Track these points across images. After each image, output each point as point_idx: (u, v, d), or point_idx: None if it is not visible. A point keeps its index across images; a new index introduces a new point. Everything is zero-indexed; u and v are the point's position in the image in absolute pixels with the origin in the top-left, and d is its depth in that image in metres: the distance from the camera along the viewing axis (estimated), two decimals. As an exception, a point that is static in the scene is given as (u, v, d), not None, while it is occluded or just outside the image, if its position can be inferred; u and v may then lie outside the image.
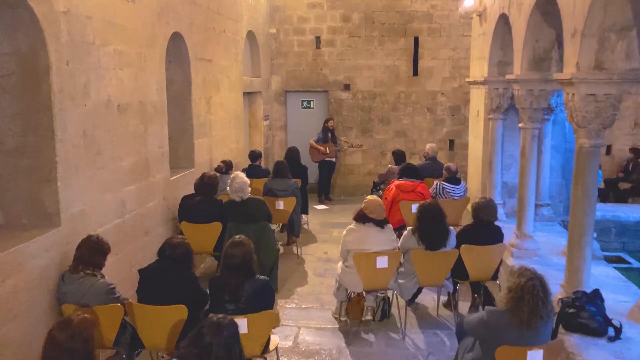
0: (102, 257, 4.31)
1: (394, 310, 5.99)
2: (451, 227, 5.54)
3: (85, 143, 4.62)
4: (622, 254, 7.80)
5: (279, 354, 4.98)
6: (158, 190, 6.17)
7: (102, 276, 4.27)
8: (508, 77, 6.02)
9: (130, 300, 4.26)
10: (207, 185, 6.43)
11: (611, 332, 4.14)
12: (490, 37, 7.09)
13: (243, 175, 6.42)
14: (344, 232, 5.56)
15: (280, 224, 8.54)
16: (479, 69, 8.00)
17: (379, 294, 5.88)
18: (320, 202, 11.24)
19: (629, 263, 7.43)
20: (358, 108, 12.02)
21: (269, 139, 11.91)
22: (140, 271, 4.38)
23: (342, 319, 5.80)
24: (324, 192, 11.43)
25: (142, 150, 5.75)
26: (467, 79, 8.96)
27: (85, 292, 4.09)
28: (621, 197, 10.76)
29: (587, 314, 4.15)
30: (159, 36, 6.10)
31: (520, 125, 5.88)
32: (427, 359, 5.12)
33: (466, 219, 7.58)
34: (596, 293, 4.27)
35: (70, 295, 4.11)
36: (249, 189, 6.34)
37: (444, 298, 6.27)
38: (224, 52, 8.55)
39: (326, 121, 11.10)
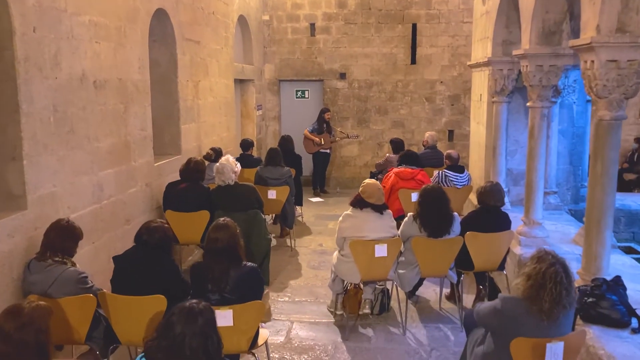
0: (73, 243, 3.91)
1: (393, 303, 5.60)
2: (455, 213, 5.14)
3: (56, 119, 4.21)
4: (632, 245, 7.43)
5: (270, 350, 4.58)
6: (140, 176, 5.76)
7: (73, 264, 3.87)
8: (515, 52, 5.62)
9: (104, 290, 3.85)
10: (193, 171, 6.02)
11: (634, 323, 3.75)
12: (495, 15, 6.69)
13: (232, 159, 6.01)
14: (340, 219, 5.16)
15: (273, 215, 8.14)
16: (481, 51, 7.61)
17: (377, 286, 5.49)
18: (315, 195, 10.85)
19: (640, 253, 7.07)
20: (354, 98, 11.63)
21: (261, 130, 11.50)
22: (115, 259, 3.97)
23: (338, 312, 5.39)
24: (319, 184, 11.03)
25: (122, 131, 5.33)
26: (468, 63, 8.57)
27: (53, 281, 3.68)
28: (626, 189, 10.39)
29: (608, 303, 3.76)
30: (140, 10, 5.68)
31: (528, 104, 5.49)
32: (430, 354, 4.73)
33: (468, 209, 7.20)
34: (617, 280, 3.88)
35: (37, 284, 3.70)
36: (234, 175, 5.92)
37: (446, 290, 5.88)
38: (213, 35, 8.13)
39: (323, 112, 10.64)
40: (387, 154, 8.89)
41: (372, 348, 4.85)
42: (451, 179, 7.11)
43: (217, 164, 5.96)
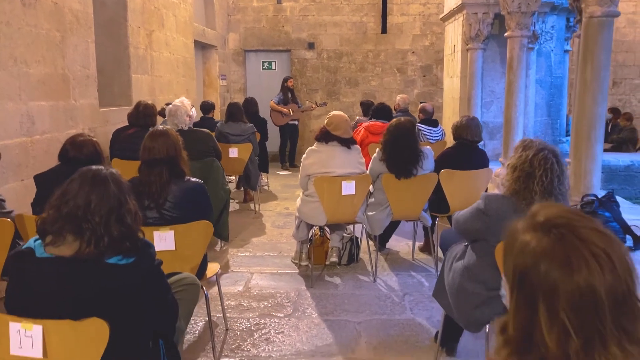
0: (-14, 162, 3.35)
1: (363, 255, 5.14)
2: (428, 147, 4.70)
3: (-30, 27, 3.64)
4: (613, 200, 7.10)
5: (225, 298, 4.07)
6: (82, 118, 5.20)
7: (-13, 186, 3.30)
8: (492, -22, 5.24)
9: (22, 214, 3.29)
10: (142, 115, 5.44)
11: (629, 241, 3.35)
12: (468, -46, 6.32)
13: (187, 102, 5.47)
14: (304, 156, 4.68)
15: (236, 178, 7.61)
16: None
17: (345, 234, 5.01)
18: (284, 169, 10.32)
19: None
20: (323, 69, 11.18)
21: (226, 101, 10.93)
22: (37, 177, 3.42)
23: (303, 264, 4.90)
24: (289, 158, 10.47)
25: (59, 63, 4.77)
26: (441, 16, 8.19)
27: (-40, 203, 3.12)
28: (602, 159, 10.14)
29: (600, 220, 3.34)
30: None
31: (506, 34, 5.11)
32: (403, 299, 4.27)
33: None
34: (610, 196, 3.49)
35: (-57, 209, 3.13)
36: (189, 119, 5.37)
37: (419, 243, 5.45)
38: (170, -14, 7.60)
39: (285, 80, 10.06)
40: (357, 117, 8.44)
41: (339, 294, 4.36)
42: (424, 133, 6.68)
43: (172, 106, 5.40)
